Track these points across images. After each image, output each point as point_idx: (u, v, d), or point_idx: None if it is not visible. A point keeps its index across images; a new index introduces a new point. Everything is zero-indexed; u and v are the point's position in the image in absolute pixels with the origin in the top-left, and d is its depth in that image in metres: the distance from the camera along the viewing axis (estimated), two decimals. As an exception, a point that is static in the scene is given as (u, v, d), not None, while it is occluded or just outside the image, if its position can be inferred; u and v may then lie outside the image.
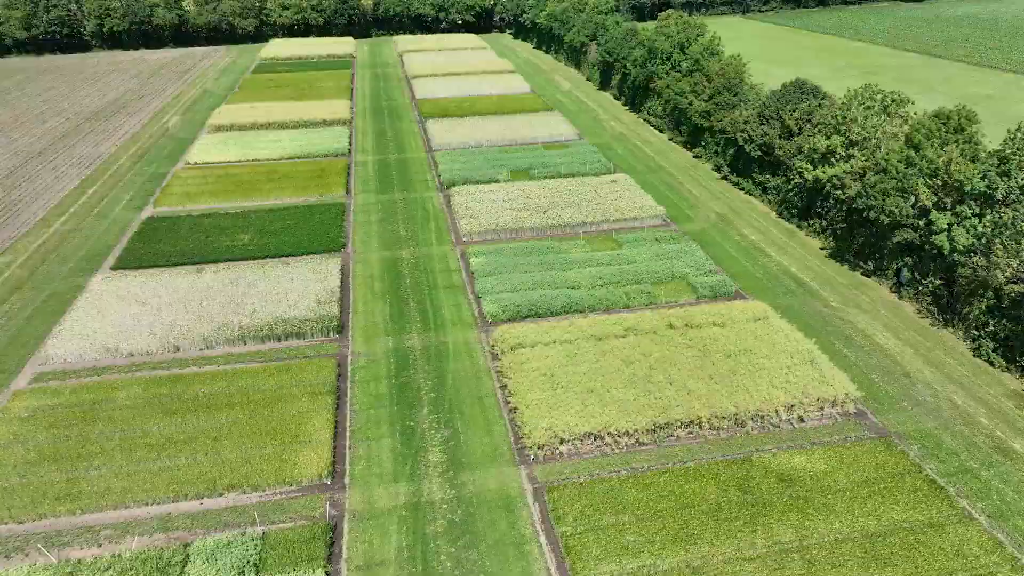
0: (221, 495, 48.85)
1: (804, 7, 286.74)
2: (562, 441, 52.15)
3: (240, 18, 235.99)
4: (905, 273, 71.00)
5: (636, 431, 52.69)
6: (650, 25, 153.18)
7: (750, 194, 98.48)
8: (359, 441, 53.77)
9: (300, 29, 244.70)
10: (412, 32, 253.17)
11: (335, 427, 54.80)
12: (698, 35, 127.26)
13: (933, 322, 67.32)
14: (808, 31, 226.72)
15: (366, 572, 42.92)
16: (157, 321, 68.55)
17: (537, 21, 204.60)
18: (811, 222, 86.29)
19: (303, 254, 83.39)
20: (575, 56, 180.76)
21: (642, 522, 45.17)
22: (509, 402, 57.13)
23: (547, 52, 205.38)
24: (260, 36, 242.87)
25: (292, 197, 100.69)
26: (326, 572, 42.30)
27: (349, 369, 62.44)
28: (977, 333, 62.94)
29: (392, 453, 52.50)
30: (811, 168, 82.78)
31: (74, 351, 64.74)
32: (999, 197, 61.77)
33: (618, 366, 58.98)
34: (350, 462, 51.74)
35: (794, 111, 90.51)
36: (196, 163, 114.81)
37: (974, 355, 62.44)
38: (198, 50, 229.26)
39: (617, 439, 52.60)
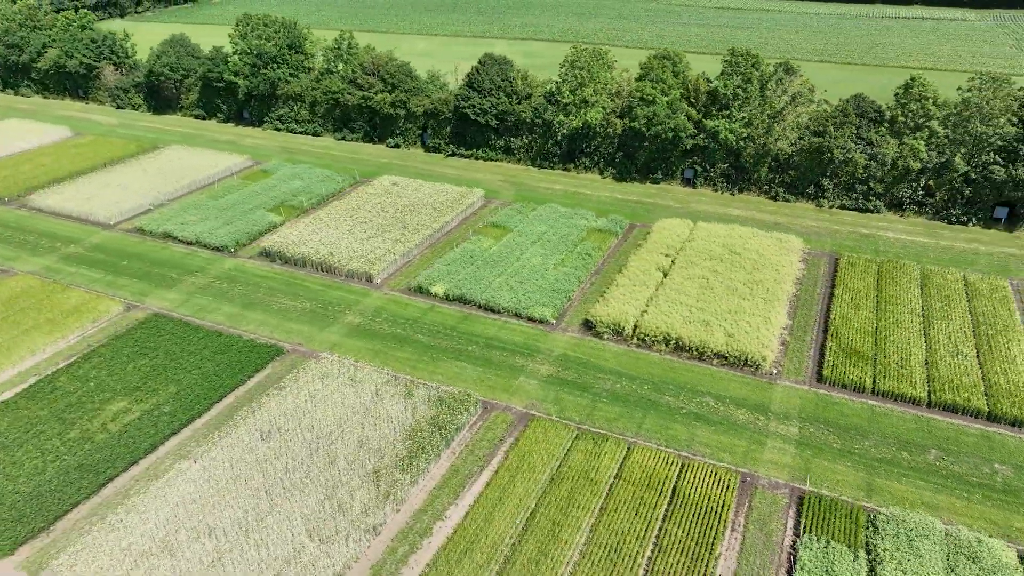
0: None
1: (176, 4, 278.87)
2: (780, 343, 63.11)
3: None
4: (697, 168, 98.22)
5: (784, 318, 67.22)
6: (197, 31, 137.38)
7: (493, 160, 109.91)
8: (696, 450, 53.20)
9: None
10: None
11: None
12: (303, 35, 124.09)
13: (733, 192, 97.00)
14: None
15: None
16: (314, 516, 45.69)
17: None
18: (578, 161, 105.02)
19: (250, 377, 61.42)
20: (65, 83, 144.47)
21: (874, 339, 61.95)
22: (704, 353, 62.96)
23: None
24: None
25: (69, 335, 67.28)
26: (871, 511, 46.79)
27: (547, 424, 56.24)
28: (768, 187, 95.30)
29: (729, 435, 54.31)
30: (571, 119, 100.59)
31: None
32: (752, 97, 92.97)
33: (704, 292, 70.09)
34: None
35: (519, 80, 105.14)
36: None
37: (774, 200, 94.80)
38: None
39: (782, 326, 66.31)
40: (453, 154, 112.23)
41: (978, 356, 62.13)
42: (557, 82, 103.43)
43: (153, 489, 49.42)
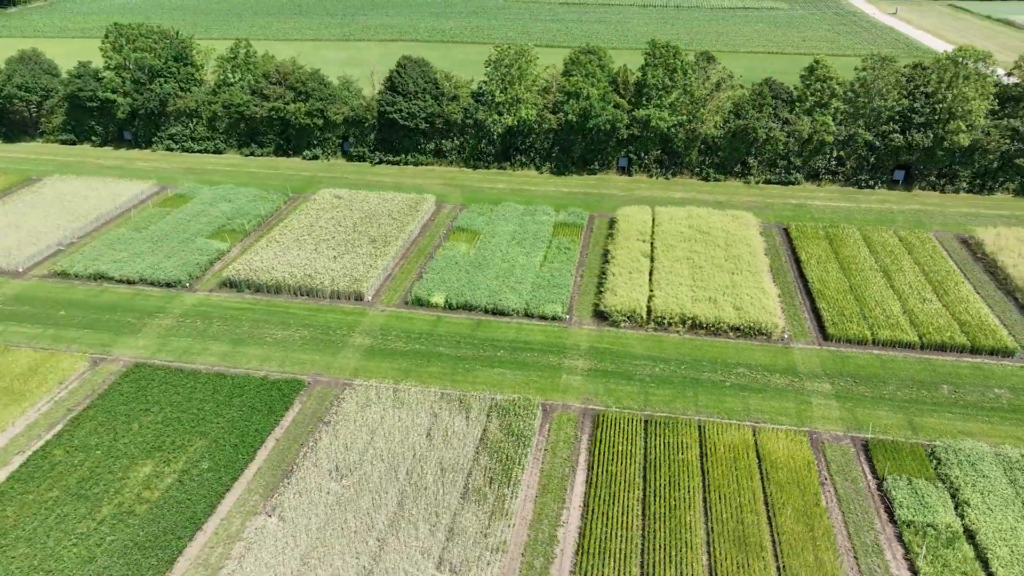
0: None
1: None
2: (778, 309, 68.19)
3: None
4: (632, 157, 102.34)
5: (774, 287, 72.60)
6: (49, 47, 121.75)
7: (424, 164, 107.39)
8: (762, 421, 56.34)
9: None
10: None
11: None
12: (188, 45, 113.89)
13: (667, 177, 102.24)
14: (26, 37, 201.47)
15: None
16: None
17: None
18: (514, 159, 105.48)
19: (282, 417, 56.54)
20: None
21: (854, 296, 68.80)
22: (719, 328, 66.48)
23: None
24: None
25: (37, 403, 57.70)
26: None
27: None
28: (699, 169, 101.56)
29: (777, 400, 57.95)
30: (504, 118, 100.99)
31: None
32: (677, 85, 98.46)
33: (696, 271, 74.04)
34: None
35: (443, 80, 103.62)
36: None
37: (706, 181, 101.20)
38: None
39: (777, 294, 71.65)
40: (381, 161, 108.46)
41: (939, 299, 71.00)
42: (484, 81, 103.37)
43: (239, 553, 44.42)
